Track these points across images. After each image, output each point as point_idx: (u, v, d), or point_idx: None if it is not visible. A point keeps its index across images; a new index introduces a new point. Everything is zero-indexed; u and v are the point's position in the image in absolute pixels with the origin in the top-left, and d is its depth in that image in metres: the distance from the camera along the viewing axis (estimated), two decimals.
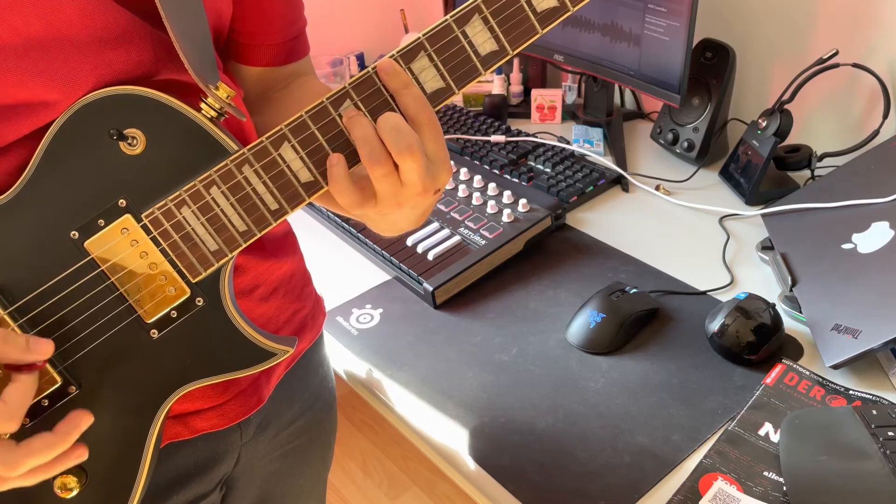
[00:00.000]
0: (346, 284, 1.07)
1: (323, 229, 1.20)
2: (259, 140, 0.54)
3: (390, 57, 0.54)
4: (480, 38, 0.54)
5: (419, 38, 0.53)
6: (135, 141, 0.53)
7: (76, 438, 0.52)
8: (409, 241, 1.08)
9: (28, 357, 0.50)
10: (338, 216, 1.16)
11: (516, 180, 1.25)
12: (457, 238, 1.07)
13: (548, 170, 1.28)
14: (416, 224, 0.60)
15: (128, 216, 0.54)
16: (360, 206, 0.54)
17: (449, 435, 0.82)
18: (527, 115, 1.54)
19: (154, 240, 0.54)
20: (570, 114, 1.53)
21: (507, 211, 1.09)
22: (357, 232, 1.13)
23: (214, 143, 0.54)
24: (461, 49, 0.54)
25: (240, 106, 0.65)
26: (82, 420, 0.52)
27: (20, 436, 0.50)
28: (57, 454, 0.50)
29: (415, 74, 0.54)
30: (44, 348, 0.51)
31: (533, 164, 1.31)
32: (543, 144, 1.35)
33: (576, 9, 0.54)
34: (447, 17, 0.53)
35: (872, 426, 0.72)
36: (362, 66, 1.69)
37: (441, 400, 0.85)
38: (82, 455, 0.53)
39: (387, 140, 0.51)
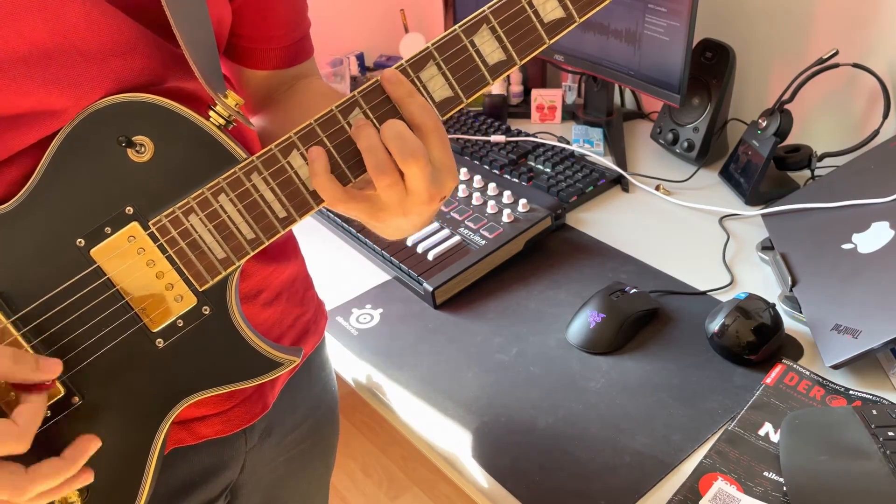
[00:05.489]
0: (346, 284, 1.07)
1: (323, 230, 1.20)
2: (268, 148, 0.54)
3: (398, 67, 0.54)
4: (488, 47, 0.54)
5: (428, 47, 0.54)
6: (143, 148, 0.53)
7: (83, 463, 0.52)
8: (409, 241, 1.08)
9: (38, 376, 0.50)
10: (338, 216, 1.16)
11: (516, 180, 1.25)
12: (457, 238, 1.07)
13: (548, 170, 1.28)
14: (421, 228, 0.60)
15: (135, 224, 0.53)
16: (345, 202, 0.53)
17: (449, 435, 0.82)
18: (527, 115, 1.53)
19: (161, 247, 0.54)
20: (570, 114, 1.52)
21: (507, 211, 1.09)
22: (357, 232, 1.13)
23: (223, 151, 0.54)
24: (469, 58, 0.54)
25: (246, 115, 0.65)
26: (90, 445, 0.53)
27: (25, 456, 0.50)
28: (64, 479, 0.51)
29: (423, 83, 0.54)
30: (53, 367, 0.51)
31: (533, 164, 1.31)
32: (543, 144, 1.35)
33: (582, 20, 0.54)
34: (456, 26, 0.54)
35: (872, 426, 0.73)
36: (362, 65, 1.68)
37: (441, 400, 0.85)
38: (88, 478, 0.53)
39: (391, 147, 0.51)
